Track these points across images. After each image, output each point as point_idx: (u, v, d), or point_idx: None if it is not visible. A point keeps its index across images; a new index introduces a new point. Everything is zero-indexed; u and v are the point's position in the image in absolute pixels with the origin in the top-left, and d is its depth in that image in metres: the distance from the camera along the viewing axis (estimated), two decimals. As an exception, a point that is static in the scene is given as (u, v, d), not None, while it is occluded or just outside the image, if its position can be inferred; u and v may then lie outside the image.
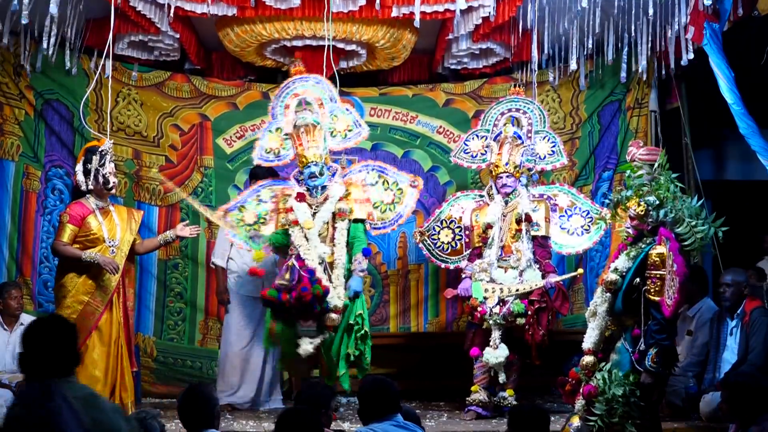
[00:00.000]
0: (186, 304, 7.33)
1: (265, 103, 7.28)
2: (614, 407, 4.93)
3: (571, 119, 7.55)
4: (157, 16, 6.58)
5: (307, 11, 6.51)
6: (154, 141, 7.39)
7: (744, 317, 5.96)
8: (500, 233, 6.24)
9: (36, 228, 7.15)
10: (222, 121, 7.49)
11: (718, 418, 5.63)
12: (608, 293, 5.12)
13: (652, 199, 5.05)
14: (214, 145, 7.47)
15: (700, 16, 6.19)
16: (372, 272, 7.43)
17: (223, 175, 7.43)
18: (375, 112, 7.59)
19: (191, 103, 7.46)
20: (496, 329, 6.07)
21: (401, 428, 4.03)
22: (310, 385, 4.65)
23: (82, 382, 5.45)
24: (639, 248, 5.08)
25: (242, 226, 6.17)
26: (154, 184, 7.35)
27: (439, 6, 6.50)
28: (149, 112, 7.38)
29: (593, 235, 6.39)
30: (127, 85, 7.31)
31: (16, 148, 7.14)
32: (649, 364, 4.91)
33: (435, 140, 7.58)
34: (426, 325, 7.51)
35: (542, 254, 6.23)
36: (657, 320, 4.92)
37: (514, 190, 6.29)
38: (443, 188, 7.55)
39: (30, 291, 7.05)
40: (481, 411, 6.09)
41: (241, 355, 6.58)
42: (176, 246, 7.25)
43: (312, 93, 6.24)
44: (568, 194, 6.49)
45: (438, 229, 6.60)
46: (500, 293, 6.08)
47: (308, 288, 5.68)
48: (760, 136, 6.02)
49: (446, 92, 7.63)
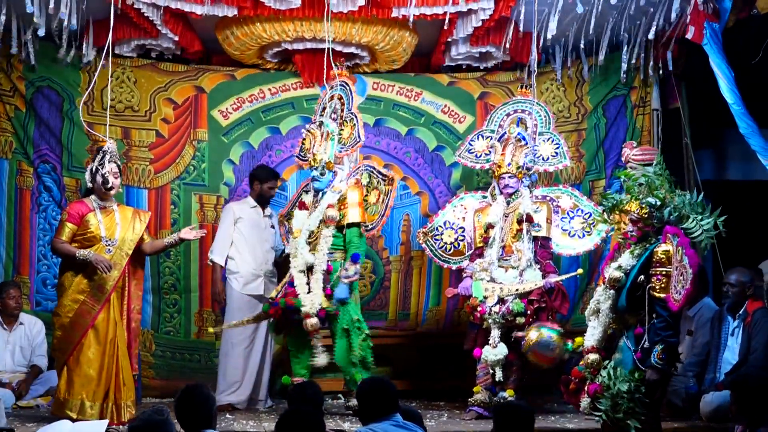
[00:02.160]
0: (180, 295, 7.18)
1: (264, 75, 7.24)
2: (619, 403, 4.96)
3: (576, 109, 7.47)
4: (158, 18, 6.56)
5: (307, 12, 6.50)
6: (145, 115, 7.16)
7: (746, 318, 5.96)
8: (501, 233, 6.25)
9: (32, 226, 7.07)
10: (218, 92, 7.25)
11: (719, 418, 5.65)
12: (612, 290, 5.15)
13: (653, 201, 5.08)
14: (209, 117, 7.24)
15: (700, 16, 6.19)
16: (374, 258, 7.34)
17: (216, 148, 7.22)
18: (378, 86, 7.41)
19: (187, 76, 7.25)
20: (495, 328, 6.07)
21: (401, 428, 4.03)
22: (300, 386, 4.64)
23: (76, 381, 5.61)
24: (644, 246, 5.11)
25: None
26: (143, 164, 7.16)
27: (439, 8, 6.49)
28: (143, 88, 7.17)
29: (594, 237, 6.39)
30: (122, 66, 7.11)
31: (9, 145, 7.07)
32: (655, 360, 4.95)
33: (439, 119, 7.43)
34: (426, 313, 7.39)
35: (543, 255, 6.24)
36: (663, 317, 4.97)
37: (516, 190, 6.30)
38: (449, 169, 7.40)
39: (28, 290, 7.02)
40: (483, 411, 6.07)
41: (242, 354, 6.57)
42: (167, 232, 7.00)
43: (341, 96, 6.36)
44: (571, 196, 6.49)
45: (441, 229, 6.60)
46: (500, 292, 6.08)
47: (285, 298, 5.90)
48: (760, 136, 6.03)
49: (450, 76, 7.51)
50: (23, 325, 6.69)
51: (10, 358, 6.62)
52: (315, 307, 5.91)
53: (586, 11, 6.54)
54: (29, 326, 6.69)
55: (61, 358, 5.72)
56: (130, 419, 5.67)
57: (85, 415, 5.56)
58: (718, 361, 6.05)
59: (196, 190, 7.23)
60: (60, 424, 5.17)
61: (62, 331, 5.70)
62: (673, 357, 5.06)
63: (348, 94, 6.36)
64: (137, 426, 3.71)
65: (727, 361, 5.99)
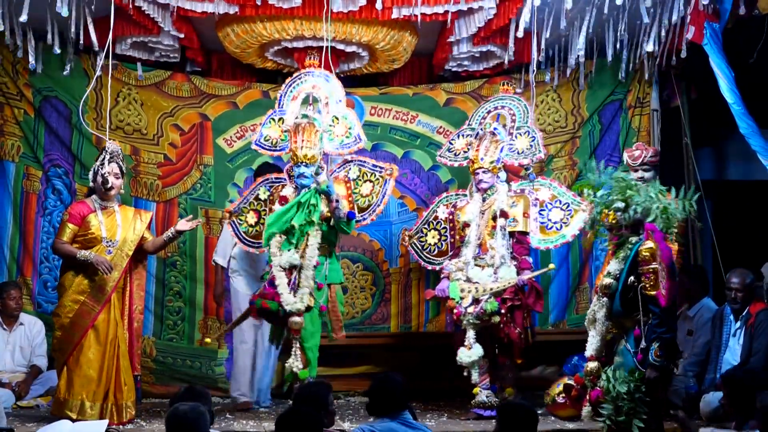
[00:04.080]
0: (185, 303, 7.31)
1: (265, 102, 7.30)
2: (620, 405, 4.97)
3: (573, 118, 7.52)
4: (160, 15, 6.57)
5: (307, 11, 6.50)
6: (153, 139, 7.38)
7: (749, 319, 5.93)
8: (477, 231, 6.18)
9: (36, 229, 7.15)
10: (222, 120, 7.48)
11: (719, 418, 5.64)
12: (605, 298, 5.21)
13: (619, 204, 5.17)
14: (214, 145, 7.46)
15: (700, 16, 6.18)
16: (374, 270, 7.45)
17: (222, 173, 7.42)
18: (375, 111, 7.58)
19: (191, 102, 7.45)
20: (470, 329, 6.01)
21: (407, 427, 4.03)
22: (307, 385, 4.64)
23: (76, 381, 5.59)
24: (627, 249, 5.19)
25: (244, 228, 6.16)
26: (152, 179, 7.34)
27: (440, 7, 6.48)
28: (149, 111, 7.37)
29: (572, 228, 6.18)
30: (127, 85, 7.30)
31: (17, 149, 7.16)
32: (653, 358, 4.97)
33: (435, 140, 7.55)
34: (426, 324, 7.49)
35: (519, 250, 6.12)
36: (656, 314, 4.99)
37: (491, 186, 6.22)
38: (445, 186, 7.50)
39: (30, 291, 7.05)
40: (482, 412, 6.06)
41: (250, 354, 6.55)
42: (174, 243, 7.16)
43: (322, 89, 6.16)
44: (550, 187, 6.32)
45: (426, 231, 6.57)
46: (475, 293, 6.00)
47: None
48: (760, 136, 6.02)
49: (447, 91, 7.61)
50: (23, 325, 6.69)
51: (10, 358, 6.62)
52: (297, 306, 5.67)
53: (587, 12, 6.52)
54: (29, 326, 6.70)
55: (61, 359, 5.73)
56: (130, 419, 5.69)
57: (85, 415, 5.57)
58: (719, 362, 6.04)
59: (202, 205, 7.40)
60: (60, 424, 5.20)
61: (62, 331, 5.71)
62: (671, 352, 5.08)
63: (335, 87, 6.17)
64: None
65: (727, 363, 5.96)
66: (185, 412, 3.73)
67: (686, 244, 7.02)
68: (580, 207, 6.13)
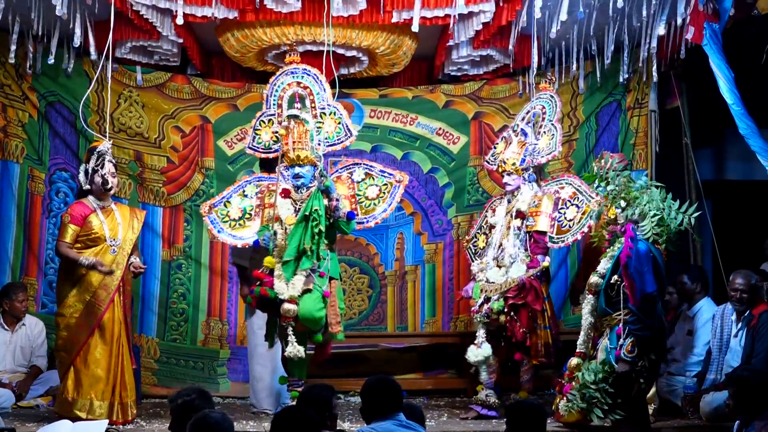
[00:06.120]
0: (189, 305, 7.36)
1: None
2: (583, 393, 5.15)
3: (569, 120, 7.51)
4: (159, 20, 6.59)
5: (307, 15, 6.50)
6: (155, 142, 7.42)
7: (751, 320, 5.91)
8: (500, 232, 6.22)
9: (41, 230, 7.19)
10: (223, 122, 7.51)
11: (719, 418, 5.65)
12: (590, 295, 5.39)
13: (622, 203, 5.31)
14: (215, 147, 7.50)
15: (700, 16, 6.18)
16: (369, 273, 7.52)
17: (224, 176, 7.43)
18: (375, 113, 7.61)
19: (192, 104, 7.48)
20: (481, 327, 6.06)
21: (403, 428, 4.05)
22: (310, 386, 4.65)
23: (85, 381, 5.63)
24: (614, 248, 5.33)
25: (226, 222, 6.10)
26: (157, 185, 7.38)
27: (440, 11, 6.48)
28: (150, 113, 7.41)
29: (582, 225, 6.00)
30: (128, 87, 7.33)
31: (21, 151, 7.19)
32: (624, 354, 5.11)
33: (434, 142, 7.59)
34: (423, 325, 7.53)
35: (534, 249, 6.08)
36: (632, 312, 5.14)
37: (516, 188, 6.21)
38: (442, 190, 7.57)
39: (34, 291, 7.10)
40: (481, 410, 6.07)
41: (269, 358, 6.38)
42: (180, 247, 7.34)
43: (306, 85, 6.06)
44: (573, 185, 6.20)
45: (478, 235, 6.55)
46: (487, 292, 6.04)
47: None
48: (759, 136, 6.01)
49: (446, 94, 7.62)
50: (25, 325, 6.71)
51: (11, 358, 6.64)
52: (290, 293, 5.60)
53: (587, 13, 6.53)
54: (30, 327, 6.71)
55: (66, 359, 5.74)
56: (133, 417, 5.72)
57: (94, 414, 5.61)
58: (719, 362, 6.04)
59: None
60: (60, 424, 5.21)
61: (68, 331, 5.73)
62: (644, 350, 5.16)
63: (318, 82, 6.08)
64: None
65: (728, 364, 5.96)
66: (217, 421, 3.55)
67: (686, 251, 7.03)
68: (590, 202, 5.98)
